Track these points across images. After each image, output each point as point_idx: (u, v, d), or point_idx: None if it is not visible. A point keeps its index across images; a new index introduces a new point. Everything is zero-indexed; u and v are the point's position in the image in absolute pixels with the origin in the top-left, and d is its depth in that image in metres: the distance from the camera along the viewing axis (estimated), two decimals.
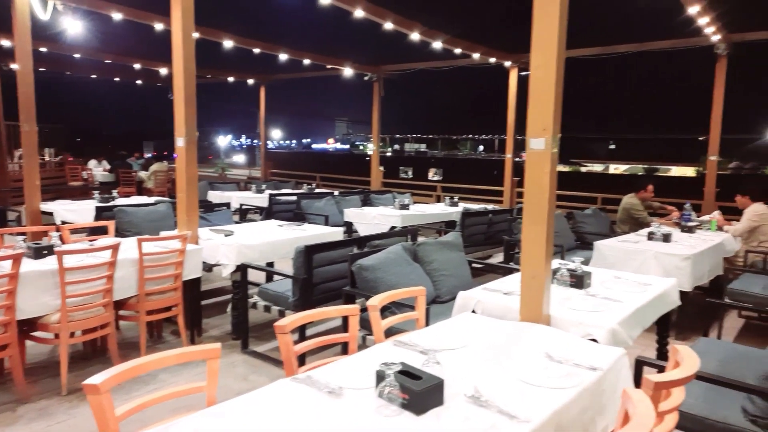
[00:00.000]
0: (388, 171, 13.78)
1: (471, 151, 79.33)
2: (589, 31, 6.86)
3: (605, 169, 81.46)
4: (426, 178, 13.43)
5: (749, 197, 6.10)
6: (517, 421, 1.63)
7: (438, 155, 78.27)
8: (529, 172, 2.52)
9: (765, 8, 5.91)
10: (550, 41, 2.36)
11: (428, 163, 36.26)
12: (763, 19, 6.39)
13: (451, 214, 7.35)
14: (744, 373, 2.49)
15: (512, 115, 8.69)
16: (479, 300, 2.93)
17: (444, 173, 16.06)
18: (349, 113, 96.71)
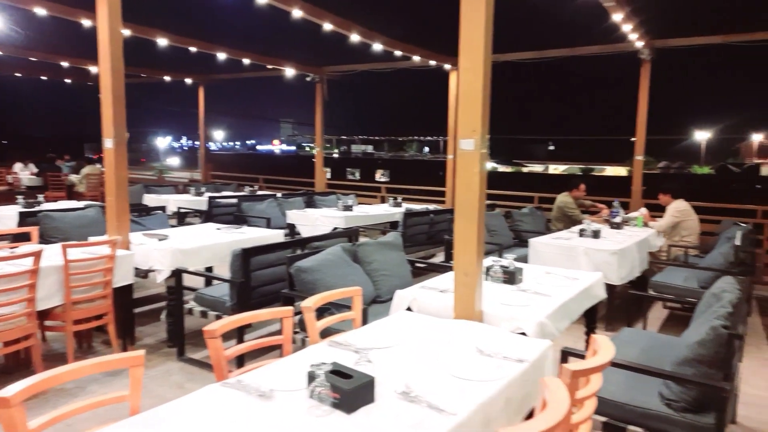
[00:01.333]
0: (335, 172, 13.74)
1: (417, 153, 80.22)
2: (524, 36, 7.11)
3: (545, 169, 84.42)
4: (373, 180, 13.48)
5: (671, 195, 6.50)
6: (445, 414, 1.67)
7: (385, 156, 78.68)
8: (460, 172, 2.59)
9: (684, 16, 6.31)
10: (477, 45, 2.44)
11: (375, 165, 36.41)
12: (683, 26, 6.82)
13: (395, 215, 7.41)
14: (663, 359, 2.64)
15: (453, 117, 8.86)
16: (415, 298, 2.98)
17: (391, 174, 16.17)
18: (295, 114, 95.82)
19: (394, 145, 79.02)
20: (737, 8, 6.00)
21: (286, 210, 7.12)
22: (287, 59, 9.24)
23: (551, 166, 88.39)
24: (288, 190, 11.01)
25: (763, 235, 7.27)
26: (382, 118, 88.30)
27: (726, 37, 6.78)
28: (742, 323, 2.84)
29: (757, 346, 4.66)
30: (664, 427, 2.27)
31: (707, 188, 34.40)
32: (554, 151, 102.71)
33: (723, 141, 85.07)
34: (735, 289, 2.78)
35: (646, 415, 2.32)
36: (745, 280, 3.42)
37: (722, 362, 2.19)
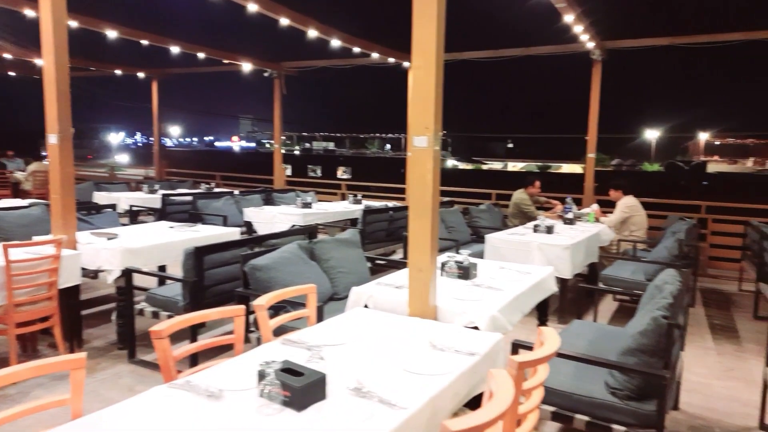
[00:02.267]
0: (296, 169, 13.59)
1: (379, 150, 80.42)
2: (479, 35, 7.20)
3: (504, 166, 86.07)
4: (335, 177, 13.42)
5: (621, 191, 6.73)
6: (395, 408, 1.68)
7: (346, 154, 78.49)
8: (413, 169, 2.61)
9: (632, 18, 6.54)
10: (429, 44, 2.46)
11: (337, 162, 36.26)
12: (632, 28, 7.07)
13: (355, 212, 7.41)
14: (609, 350, 2.74)
15: None
16: (371, 295, 2.99)
17: (353, 171, 16.15)
18: (255, 110, 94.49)
19: (355, 142, 78.94)
20: (682, 12, 6.25)
21: (244, 208, 7.01)
22: (244, 54, 9.08)
23: (510, 164, 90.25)
24: (246, 188, 10.84)
25: (706, 230, 7.62)
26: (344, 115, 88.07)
27: (673, 39, 7.06)
28: (682, 314, 2.97)
29: (700, 336, 4.88)
30: (609, 414, 2.36)
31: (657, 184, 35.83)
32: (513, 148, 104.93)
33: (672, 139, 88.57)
34: (676, 281, 2.91)
35: (593, 403, 2.40)
36: (687, 273, 3.58)
37: (662, 351, 2.29)
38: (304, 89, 14.74)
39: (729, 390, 3.72)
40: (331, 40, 6.89)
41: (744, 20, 6.48)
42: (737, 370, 4.09)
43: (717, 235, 7.64)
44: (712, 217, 7.63)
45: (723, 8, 6.02)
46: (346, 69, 9.61)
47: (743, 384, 3.79)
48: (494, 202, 8.78)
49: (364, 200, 8.37)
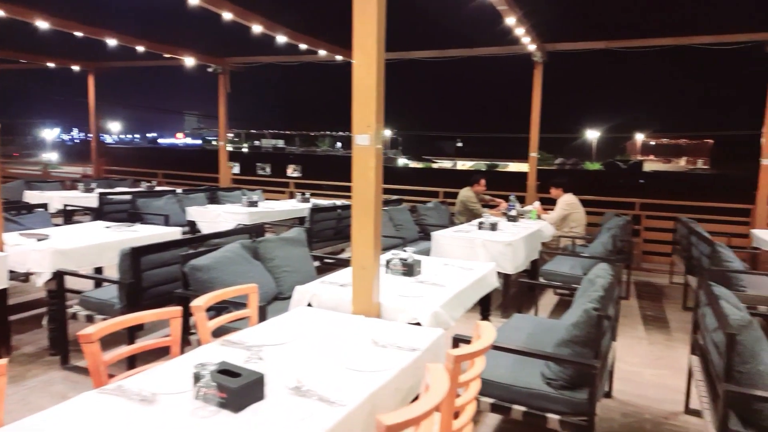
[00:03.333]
0: (244, 167, 13.33)
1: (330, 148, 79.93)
2: (425, 34, 7.29)
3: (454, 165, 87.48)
4: (285, 175, 13.22)
5: (561, 189, 6.98)
6: (335, 406, 1.69)
7: (296, 151, 77.59)
8: (356, 167, 2.62)
9: (570, 22, 6.79)
10: (370, 41, 2.47)
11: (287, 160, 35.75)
12: (570, 32, 7.33)
13: (303, 211, 7.34)
14: (546, 342, 2.84)
15: None
16: (315, 294, 2.97)
17: (303, 170, 15.94)
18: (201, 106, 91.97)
19: (306, 140, 78.17)
20: (618, 17, 6.55)
21: (187, 207, 6.82)
22: (186, 48, 8.80)
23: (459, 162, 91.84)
24: (190, 186, 10.53)
25: (640, 226, 8.01)
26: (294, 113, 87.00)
27: (608, 43, 7.38)
28: (613, 305, 3.11)
29: (632, 327, 5.13)
30: (545, 404, 2.45)
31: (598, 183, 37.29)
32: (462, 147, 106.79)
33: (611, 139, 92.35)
34: (608, 274, 3.05)
35: (529, 394, 2.49)
36: (619, 267, 3.76)
37: (593, 342, 2.40)
38: (252, 85, 14.48)
39: (658, 377, 3.93)
40: (276, 36, 6.80)
41: (672, 27, 6.85)
42: (666, 358, 4.33)
43: (650, 231, 8.05)
44: (646, 213, 8.03)
45: (652, 15, 6.35)
46: (295, 66, 9.50)
47: (671, 371, 4.01)
48: (442, 200, 8.92)
49: (314, 199, 8.32)
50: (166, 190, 8.20)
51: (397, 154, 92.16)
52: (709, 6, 6.08)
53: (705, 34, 6.86)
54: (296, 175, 15.02)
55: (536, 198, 8.04)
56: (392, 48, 8.34)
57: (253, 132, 77.63)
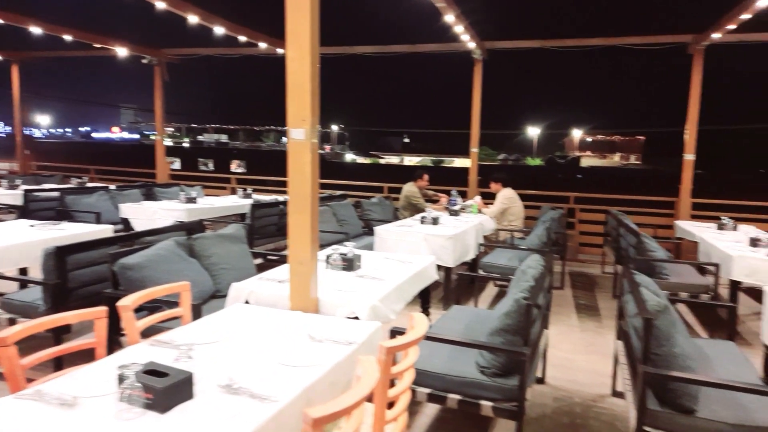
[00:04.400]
0: (186, 163, 12.92)
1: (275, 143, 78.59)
2: (366, 29, 7.30)
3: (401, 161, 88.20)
4: (229, 171, 12.89)
5: (501, 183, 7.18)
6: (267, 402, 1.67)
7: (240, 147, 75.84)
8: (292, 162, 2.59)
9: (507, 21, 6.98)
10: (303, 34, 2.45)
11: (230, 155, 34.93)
12: (508, 31, 7.53)
13: (244, 207, 7.19)
14: (482, 332, 2.92)
15: None
16: (252, 290, 2.93)
17: (248, 165, 15.60)
18: (138, 100, 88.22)
19: (250, 134, 76.53)
20: (551, 17, 6.79)
21: (120, 204, 6.54)
22: (118, 38, 8.40)
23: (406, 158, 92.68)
24: (125, 182, 10.11)
25: (574, 219, 8.35)
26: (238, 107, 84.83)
27: (543, 43, 7.63)
28: (544, 295, 3.24)
29: (566, 315, 5.35)
30: (478, 392, 2.52)
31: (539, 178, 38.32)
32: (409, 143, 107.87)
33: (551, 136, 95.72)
34: (539, 265, 3.17)
35: (464, 383, 2.55)
36: (551, 258, 3.91)
37: (523, 330, 2.49)
38: (193, 78, 13.90)
39: (589, 363, 4.12)
40: (213, 28, 6.61)
41: (603, 28, 7.17)
42: (597, 344, 4.54)
43: (584, 224, 8.41)
44: (579, 207, 8.38)
45: (584, 16, 6.63)
46: (238, 59, 9.28)
47: (601, 357, 4.22)
48: (386, 195, 8.98)
49: (258, 195, 8.17)
50: (98, 187, 7.83)
51: (344, 149, 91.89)
52: (636, 8, 6.41)
53: (633, 35, 7.21)
54: (240, 170, 14.70)
55: (477, 193, 8.24)
56: (333, 42, 8.36)
57: (195, 126, 75.21)
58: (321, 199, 7.18)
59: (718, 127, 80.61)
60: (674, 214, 7.73)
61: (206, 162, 16.98)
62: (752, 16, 5.41)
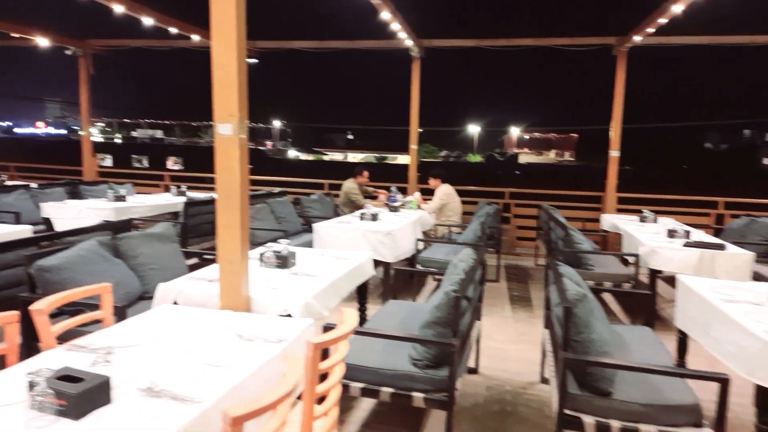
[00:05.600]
0: (118, 160, 12.36)
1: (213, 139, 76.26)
2: (302, 24, 7.23)
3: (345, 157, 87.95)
4: (165, 168, 12.41)
5: (439, 180, 7.31)
6: (189, 404, 1.64)
7: (177, 143, 73.15)
8: (219, 158, 2.54)
9: (442, 20, 7.10)
10: (229, 27, 2.40)
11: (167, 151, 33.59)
12: (443, 29, 7.66)
13: (178, 205, 6.96)
14: (415, 325, 2.97)
15: None
16: (180, 291, 2.85)
17: (185, 162, 15.07)
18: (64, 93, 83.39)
19: (188, 130, 73.96)
20: (485, 17, 6.96)
21: (42, 203, 6.17)
22: (38, 28, 7.90)
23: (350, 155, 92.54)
24: (50, 180, 9.55)
25: (510, 213, 8.62)
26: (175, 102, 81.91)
27: (478, 42, 7.80)
28: (475, 287, 3.33)
29: (501, 307, 5.53)
30: (411, 384, 2.56)
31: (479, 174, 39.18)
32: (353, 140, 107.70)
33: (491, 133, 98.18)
34: (470, 258, 3.25)
35: (396, 375, 2.59)
36: (482, 251, 4.02)
37: (452, 322, 2.55)
38: (125, 71, 13.15)
39: (521, 352, 4.28)
40: (142, 19, 6.33)
41: (534, 28, 7.43)
42: (529, 334, 4.72)
43: (519, 218, 8.70)
44: (514, 202, 8.66)
45: (516, 17, 6.85)
46: (173, 51, 8.92)
47: (532, 346, 4.39)
48: (327, 192, 8.94)
49: (195, 192, 7.92)
50: (18, 185, 7.35)
51: (286, 145, 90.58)
52: (564, 11, 6.68)
53: (562, 36, 7.51)
54: (177, 167, 14.19)
55: (417, 189, 8.34)
56: (269, 36, 8.21)
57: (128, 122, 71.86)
58: (259, 197, 7.06)
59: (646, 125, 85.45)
60: (601, 208, 8.12)
61: (140, 159, 16.24)
62: (668, 20, 5.76)
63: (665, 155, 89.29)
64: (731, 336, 2.64)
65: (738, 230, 6.27)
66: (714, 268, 4.60)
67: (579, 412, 2.37)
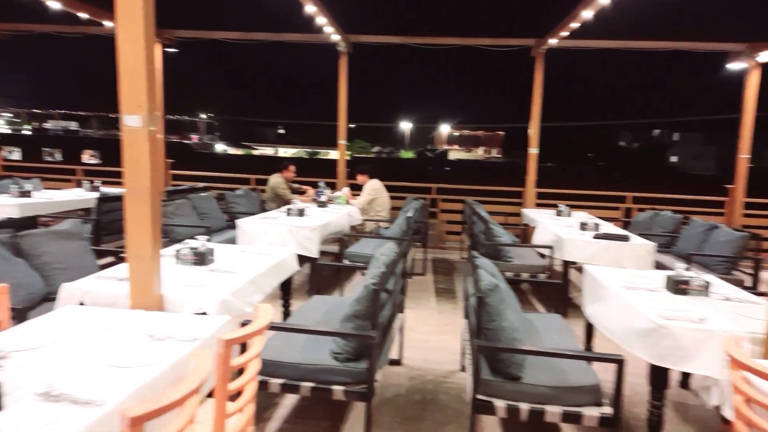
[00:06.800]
0: (28, 153, 11.48)
1: None
2: (226, 14, 7.04)
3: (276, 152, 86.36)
4: (81, 162, 11.66)
5: (367, 175, 7.35)
6: (90, 407, 1.56)
7: (94, 135, 68.80)
8: (128, 151, 2.43)
9: (368, 16, 7.14)
10: (136, 13, 2.30)
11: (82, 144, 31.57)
12: (370, 25, 7.71)
13: (91, 201, 6.57)
14: (338, 319, 2.98)
15: (159, 93, 8.26)
16: (87, 290, 2.71)
17: (103, 156, 14.22)
18: None
19: (105, 122, 69.73)
20: (410, 14, 7.07)
21: None
22: None
23: (281, 149, 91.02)
24: None
25: (437, 208, 8.82)
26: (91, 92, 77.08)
27: (405, 39, 7.90)
28: (397, 280, 3.39)
29: (426, 299, 5.65)
30: (331, 377, 2.58)
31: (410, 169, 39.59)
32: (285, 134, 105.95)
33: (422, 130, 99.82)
34: (392, 252, 3.30)
35: (317, 370, 2.59)
36: (406, 245, 4.09)
37: (371, 314, 2.59)
38: (35, 58, 11.97)
39: (444, 342, 4.40)
40: (47, 2, 5.91)
41: (459, 28, 7.63)
42: (452, 324, 4.86)
43: (447, 213, 8.91)
44: (441, 197, 8.87)
45: (439, 16, 7.00)
46: (89, 39, 8.38)
47: (454, 336, 4.52)
48: (253, 187, 8.76)
49: (111, 187, 7.50)
50: None
51: (214, 139, 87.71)
52: (486, 12, 6.91)
53: (485, 36, 7.76)
54: (94, 161, 13.40)
55: (346, 184, 8.35)
56: (189, 26, 7.93)
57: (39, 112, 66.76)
58: (180, 192, 6.81)
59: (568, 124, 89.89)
60: (522, 203, 8.48)
61: (53, 152, 15.22)
62: (580, 25, 6.09)
63: (585, 153, 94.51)
64: (629, 320, 2.85)
65: (643, 223, 6.76)
66: (620, 258, 4.94)
67: (491, 396, 2.47)
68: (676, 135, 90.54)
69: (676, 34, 7.56)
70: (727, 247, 5.12)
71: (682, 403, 3.46)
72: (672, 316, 2.64)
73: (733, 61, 7.54)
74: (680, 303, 2.90)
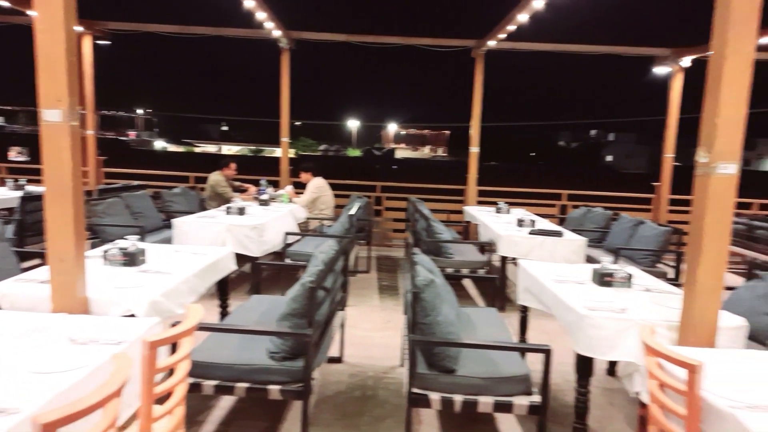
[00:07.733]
0: None
1: None
2: (162, 6, 6.79)
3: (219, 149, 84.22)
4: (7, 159, 10.95)
5: (311, 173, 7.29)
6: (4, 414, 1.48)
7: (22, 131, 64.77)
8: (47, 148, 2.31)
9: (312, 13, 7.09)
10: (55, 3, 2.18)
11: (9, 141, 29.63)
12: (312, 22, 7.64)
13: (14, 200, 6.20)
14: (275, 318, 2.94)
15: (90, 87, 7.88)
16: (5, 294, 2.57)
17: (32, 153, 13.38)
18: None
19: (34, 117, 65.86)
20: (351, 13, 7.06)
21: None
22: None
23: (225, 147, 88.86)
24: None
25: (381, 206, 8.87)
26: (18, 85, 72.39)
27: (348, 37, 7.90)
28: (336, 277, 3.39)
29: (369, 296, 5.68)
30: (267, 377, 2.55)
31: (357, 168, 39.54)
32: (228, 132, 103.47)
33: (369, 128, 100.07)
34: (332, 250, 3.30)
35: (253, 370, 2.56)
36: (348, 243, 4.10)
37: (308, 313, 2.58)
38: None
39: (385, 339, 4.44)
40: None
41: (400, 27, 7.70)
42: (394, 321, 4.91)
43: (391, 211, 8.98)
44: (386, 195, 8.92)
45: (381, 15, 7.03)
46: (13, 28, 7.86)
47: (396, 332, 4.57)
48: (192, 185, 8.52)
49: (37, 186, 7.09)
50: None
51: (152, 136, 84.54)
52: (427, 13, 6.99)
53: (426, 36, 7.86)
54: (22, 159, 12.65)
55: (289, 182, 8.25)
56: (123, 18, 7.62)
57: None
58: (112, 190, 6.53)
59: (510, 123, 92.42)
60: (464, 201, 8.66)
61: None
62: (516, 27, 6.28)
63: (527, 152, 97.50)
64: (557, 311, 2.97)
65: (577, 219, 7.06)
66: (554, 253, 5.14)
67: (427, 390, 2.52)
68: (611, 135, 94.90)
69: (607, 39, 7.94)
70: (652, 242, 5.43)
71: (609, 389, 3.64)
72: (596, 307, 2.78)
73: (659, 65, 7.99)
74: (604, 294, 3.06)
